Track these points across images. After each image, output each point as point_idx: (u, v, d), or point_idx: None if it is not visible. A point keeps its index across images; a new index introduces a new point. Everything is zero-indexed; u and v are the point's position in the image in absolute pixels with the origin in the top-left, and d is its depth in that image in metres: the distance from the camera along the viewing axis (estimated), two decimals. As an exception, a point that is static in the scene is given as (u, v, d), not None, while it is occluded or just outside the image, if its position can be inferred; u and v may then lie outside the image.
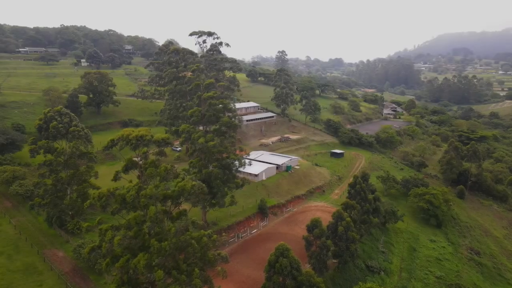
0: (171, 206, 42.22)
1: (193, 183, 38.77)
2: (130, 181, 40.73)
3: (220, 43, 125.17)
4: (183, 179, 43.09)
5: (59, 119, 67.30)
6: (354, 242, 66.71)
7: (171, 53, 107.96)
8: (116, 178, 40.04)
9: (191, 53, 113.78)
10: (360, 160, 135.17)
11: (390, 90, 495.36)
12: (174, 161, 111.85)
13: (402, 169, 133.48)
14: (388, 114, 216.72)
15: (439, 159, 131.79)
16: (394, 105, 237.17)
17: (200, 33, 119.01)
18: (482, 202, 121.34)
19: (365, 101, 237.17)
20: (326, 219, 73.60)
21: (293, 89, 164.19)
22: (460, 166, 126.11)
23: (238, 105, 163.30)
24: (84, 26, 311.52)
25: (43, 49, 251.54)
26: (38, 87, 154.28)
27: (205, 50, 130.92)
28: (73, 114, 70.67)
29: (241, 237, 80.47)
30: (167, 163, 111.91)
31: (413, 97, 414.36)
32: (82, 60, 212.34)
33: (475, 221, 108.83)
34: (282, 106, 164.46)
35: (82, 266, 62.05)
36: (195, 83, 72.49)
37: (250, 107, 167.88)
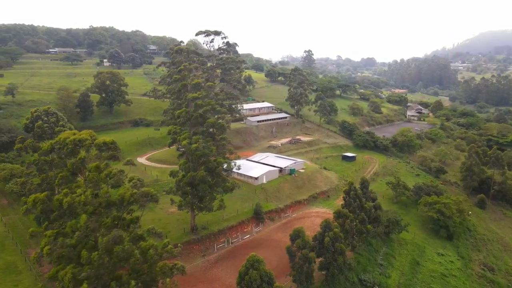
0: (123, 213, 40.23)
1: (134, 191, 36.46)
2: (77, 186, 38.98)
3: (228, 43, 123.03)
4: (138, 184, 40.90)
5: (45, 119, 67.44)
6: (342, 254, 62.33)
7: (175, 52, 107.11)
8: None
9: (196, 53, 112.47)
10: (373, 164, 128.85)
11: (422, 90, 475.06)
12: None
13: (418, 175, 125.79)
14: (412, 116, 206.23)
15: (460, 165, 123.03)
16: (419, 107, 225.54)
17: (206, 33, 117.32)
18: (505, 213, 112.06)
19: (389, 102, 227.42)
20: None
21: (307, 89, 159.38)
22: (482, 173, 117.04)
23: (250, 106, 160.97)
24: (112, 27, 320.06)
25: (71, 49, 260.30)
26: (57, 87, 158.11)
27: (221, 49, 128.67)
28: (61, 114, 70.96)
29: (232, 243, 77.91)
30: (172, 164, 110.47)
31: (447, 97, 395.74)
32: (105, 60, 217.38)
33: (494, 234, 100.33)
34: (296, 107, 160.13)
35: (60, 267, 61.71)
36: (181, 83, 70.70)
37: (264, 107, 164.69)
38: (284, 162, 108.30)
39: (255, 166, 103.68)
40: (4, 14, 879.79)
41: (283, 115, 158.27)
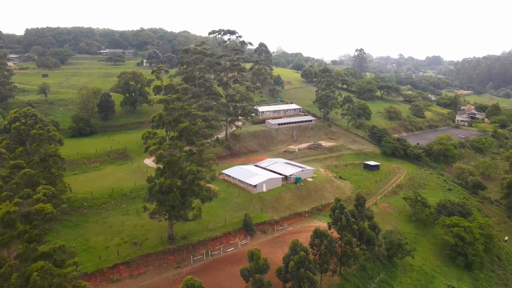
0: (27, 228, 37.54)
1: (13, 208, 33.25)
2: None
3: (243, 42, 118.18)
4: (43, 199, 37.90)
5: (23, 120, 67.77)
6: (310, 281, 54.65)
7: (184, 52, 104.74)
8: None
9: (203, 53, 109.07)
10: (399, 175, 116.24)
11: (491, 92, 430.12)
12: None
13: (450, 189, 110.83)
14: (463, 121, 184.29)
15: (501, 181, 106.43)
16: (473, 111, 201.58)
17: (220, 32, 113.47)
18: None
19: (438, 104, 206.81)
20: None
21: (335, 91, 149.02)
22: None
23: (274, 107, 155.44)
24: (161, 28, 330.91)
25: (121, 50, 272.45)
26: (91, 86, 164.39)
27: (235, 49, 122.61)
28: (40, 116, 70.62)
29: (211, 255, 73.29)
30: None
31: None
32: (144, 60, 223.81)
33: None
34: (322, 110, 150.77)
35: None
36: (154, 85, 67.49)
37: (290, 109, 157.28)
38: (291, 170, 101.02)
39: (257, 173, 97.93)
40: (67, 17, 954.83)
41: (308, 118, 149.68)
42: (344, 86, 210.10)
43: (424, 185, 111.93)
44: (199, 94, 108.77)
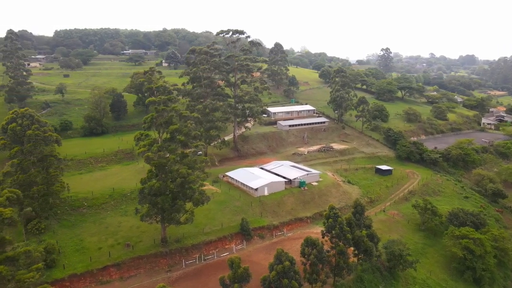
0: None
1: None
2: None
3: (252, 41, 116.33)
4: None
5: (19, 121, 68.73)
6: (295, 294, 52.10)
7: (190, 53, 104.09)
8: None
9: (210, 54, 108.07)
10: (412, 180, 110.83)
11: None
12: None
13: (467, 197, 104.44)
14: (489, 124, 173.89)
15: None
16: (501, 113, 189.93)
17: (228, 31, 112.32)
18: None
19: (464, 106, 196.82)
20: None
21: (350, 92, 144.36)
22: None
23: (286, 108, 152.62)
24: (184, 28, 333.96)
25: (143, 51, 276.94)
26: (108, 86, 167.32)
27: (244, 49, 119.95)
28: (37, 117, 71.37)
29: (204, 260, 71.94)
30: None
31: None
32: (163, 61, 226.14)
33: (554, 283, 77.85)
34: (336, 111, 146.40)
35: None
36: (147, 86, 66.80)
37: (304, 110, 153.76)
38: (296, 173, 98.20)
39: (260, 176, 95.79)
40: (96, 19, 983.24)
41: (321, 119, 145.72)
42: (364, 86, 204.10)
43: (439, 192, 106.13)
44: (205, 95, 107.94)
